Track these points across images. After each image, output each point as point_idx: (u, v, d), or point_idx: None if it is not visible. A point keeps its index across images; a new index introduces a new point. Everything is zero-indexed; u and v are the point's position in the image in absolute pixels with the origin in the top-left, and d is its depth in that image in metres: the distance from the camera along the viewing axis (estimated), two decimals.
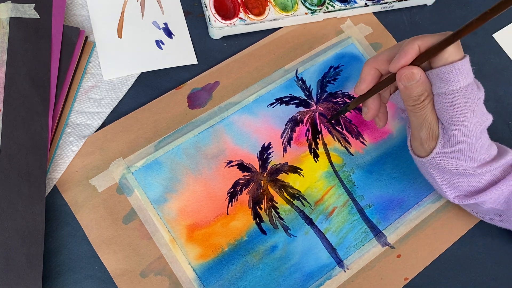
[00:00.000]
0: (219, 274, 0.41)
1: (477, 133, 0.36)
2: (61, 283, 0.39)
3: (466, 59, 0.34)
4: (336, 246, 0.44)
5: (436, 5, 0.56)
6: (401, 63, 0.35)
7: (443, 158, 0.38)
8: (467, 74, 0.34)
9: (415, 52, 0.34)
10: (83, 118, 0.44)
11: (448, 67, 0.33)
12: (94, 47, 0.46)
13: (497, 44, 0.56)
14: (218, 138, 0.45)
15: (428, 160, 0.38)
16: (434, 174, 0.40)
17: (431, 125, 0.37)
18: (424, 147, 0.38)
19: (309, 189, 0.45)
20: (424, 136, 0.37)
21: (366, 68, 0.39)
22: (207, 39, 0.50)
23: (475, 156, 0.37)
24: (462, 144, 0.36)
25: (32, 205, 0.38)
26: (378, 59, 0.38)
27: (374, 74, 0.39)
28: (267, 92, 0.48)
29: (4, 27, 0.42)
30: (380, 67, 0.38)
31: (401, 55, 0.35)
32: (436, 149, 0.37)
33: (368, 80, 0.39)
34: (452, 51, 0.33)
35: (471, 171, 0.38)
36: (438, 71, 0.34)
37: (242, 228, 0.43)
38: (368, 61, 0.39)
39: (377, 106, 0.41)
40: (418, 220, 0.46)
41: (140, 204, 0.42)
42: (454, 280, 0.44)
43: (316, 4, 0.52)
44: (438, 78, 0.34)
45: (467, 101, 0.34)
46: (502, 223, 0.43)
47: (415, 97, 0.36)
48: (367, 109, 0.41)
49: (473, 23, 0.30)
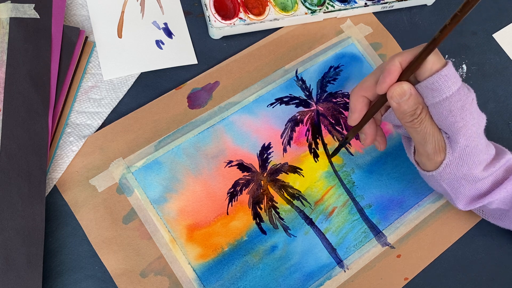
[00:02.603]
0: (219, 274, 0.41)
1: (478, 134, 0.36)
2: (61, 283, 0.39)
3: (449, 64, 0.34)
4: (336, 246, 0.44)
5: (436, 5, 0.56)
6: (387, 83, 0.35)
7: (453, 168, 0.37)
8: (455, 78, 0.34)
9: (397, 69, 0.34)
10: (83, 118, 0.44)
11: (436, 76, 0.33)
12: (94, 47, 0.46)
13: (497, 44, 0.56)
14: (218, 138, 0.45)
15: (438, 172, 0.38)
16: (444, 185, 0.39)
17: (435, 137, 0.36)
18: (432, 161, 0.38)
19: (309, 189, 0.45)
20: (431, 149, 0.37)
21: (354, 98, 0.39)
22: (207, 39, 0.50)
23: (480, 157, 0.37)
24: (469, 148, 0.36)
25: (32, 205, 0.38)
26: (363, 87, 0.38)
27: (363, 102, 0.39)
28: (267, 92, 0.48)
29: (4, 27, 0.42)
30: (367, 94, 0.38)
31: (385, 75, 0.35)
32: (446, 160, 0.37)
33: (358, 108, 0.39)
34: (434, 60, 0.33)
35: (479, 175, 0.38)
36: (426, 82, 0.34)
37: (242, 228, 0.43)
38: (353, 91, 0.39)
39: (373, 131, 0.41)
40: (418, 220, 0.46)
41: (140, 204, 0.42)
42: (454, 280, 0.45)
43: (316, 4, 0.52)
44: (429, 89, 0.34)
45: (463, 104, 0.34)
46: (505, 224, 0.43)
47: (411, 111, 0.35)
48: (364, 136, 0.41)
49: (446, 28, 0.30)
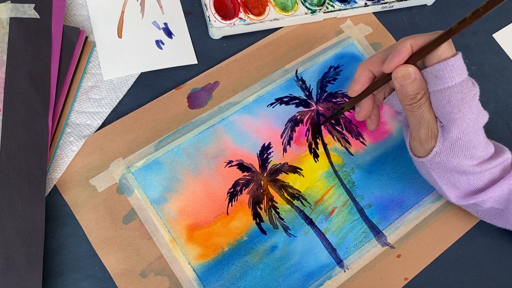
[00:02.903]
0: (219, 274, 0.41)
1: (475, 129, 0.36)
2: (61, 283, 0.39)
3: (458, 55, 0.34)
4: (336, 246, 0.44)
5: (436, 5, 0.56)
6: (394, 63, 0.35)
7: (443, 157, 0.38)
8: (461, 70, 0.34)
9: (408, 51, 0.35)
10: (83, 118, 0.44)
11: (442, 64, 0.34)
12: (94, 47, 0.46)
13: (497, 44, 0.56)
14: (218, 138, 0.45)
15: (428, 159, 0.38)
16: (434, 174, 0.40)
17: (429, 124, 0.37)
18: (424, 147, 0.38)
19: (309, 189, 0.45)
20: (423, 135, 0.37)
21: (360, 70, 0.39)
22: (207, 39, 0.50)
23: (474, 153, 0.37)
24: (462, 141, 0.36)
25: (32, 205, 0.38)
26: (372, 61, 0.39)
27: (368, 76, 0.39)
28: (267, 92, 0.48)
29: (4, 27, 0.42)
30: (374, 69, 0.39)
31: (394, 54, 0.35)
32: (436, 148, 0.37)
33: (361, 81, 0.39)
34: (445, 48, 0.34)
35: (471, 169, 0.38)
36: (432, 69, 0.34)
37: (242, 228, 0.43)
38: (361, 63, 0.39)
39: (370, 107, 0.41)
40: (418, 220, 0.46)
41: (140, 204, 0.42)
42: (454, 280, 0.45)
43: (316, 4, 0.52)
44: (433, 76, 0.34)
45: (463, 97, 0.34)
46: (501, 223, 0.43)
47: (411, 95, 0.36)
48: (359, 109, 0.41)
49: (465, 21, 0.30)
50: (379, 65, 0.38)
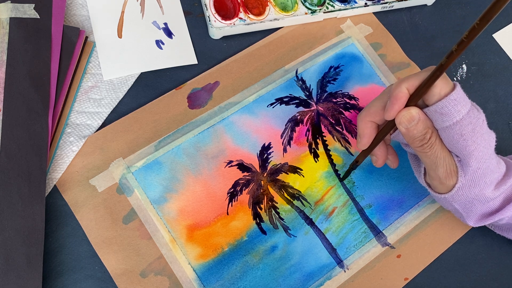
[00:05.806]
0: (219, 274, 0.41)
1: (490, 154, 0.36)
2: (61, 283, 0.39)
3: (458, 88, 0.34)
4: (336, 246, 0.44)
5: (436, 5, 0.56)
6: (395, 110, 0.35)
7: (465, 190, 0.37)
8: (464, 101, 0.34)
9: (405, 96, 0.34)
10: (83, 118, 0.44)
11: (445, 100, 0.33)
12: (94, 47, 0.46)
13: (497, 44, 0.56)
14: (218, 138, 0.45)
15: (451, 195, 0.38)
16: (456, 205, 0.39)
17: (446, 161, 0.36)
18: (445, 185, 0.38)
19: (309, 189, 0.45)
20: (442, 174, 0.37)
21: (362, 123, 0.39)
22: (207, 39, 0.50)
23: (492, 177, 0.37)
24: (481, 170, 0.36)
25: (32, 205, 0.38)
26: (371, 112, 0.38)
27: (371, 127, 0.39)
28: (267, 92, 0.48)
29: (4, 27, 0.42)
30: (375, 119, 0.38)
31: (392, 101, 0.35)
32: (458, 184, 0.37)
33: (367, 133, 0.39)
34: (442, 84, 0.33)
35: (491, 195, 0.38)
36: (435, 107, 0.34)
37: (242, 228, 0.43)
38: (361, 116, 0.39)
39: (384, 152, 0.41)
40: (418, 220, 0.46)
41: (140, 204, 0.42)
42: (454, 280, 0.45)
43: (316, 4, 0.52)
44: (438, 114, 0.34)
45: (474, 127, 0.34)
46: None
47: (420, 137, 0.35)
48: (375, 158, 0.41)
49: (453, 53, 0.30)
50: (380, 114, 0.38)
